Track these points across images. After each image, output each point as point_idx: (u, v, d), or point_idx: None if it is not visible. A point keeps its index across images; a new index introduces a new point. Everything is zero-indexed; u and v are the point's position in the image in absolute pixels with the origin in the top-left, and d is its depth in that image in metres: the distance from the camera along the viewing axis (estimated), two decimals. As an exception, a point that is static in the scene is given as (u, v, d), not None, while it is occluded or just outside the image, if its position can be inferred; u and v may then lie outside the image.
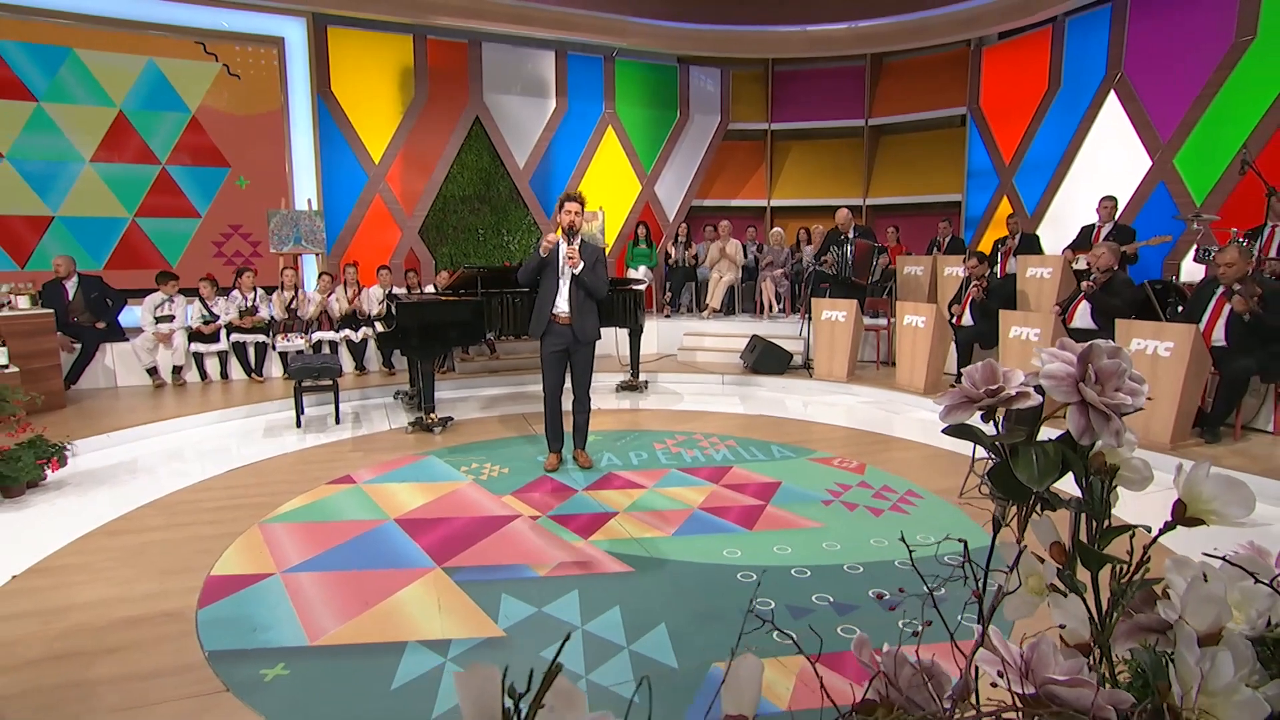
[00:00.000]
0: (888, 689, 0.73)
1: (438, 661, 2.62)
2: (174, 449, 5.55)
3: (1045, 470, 0.78)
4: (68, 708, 2.38)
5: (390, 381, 7.57)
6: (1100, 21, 8.24)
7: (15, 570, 3.38)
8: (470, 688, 0.61)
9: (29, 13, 7.49)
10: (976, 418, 0.79)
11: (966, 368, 0.78)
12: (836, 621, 2.90)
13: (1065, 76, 8.69)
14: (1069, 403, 0.77)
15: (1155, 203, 7.74)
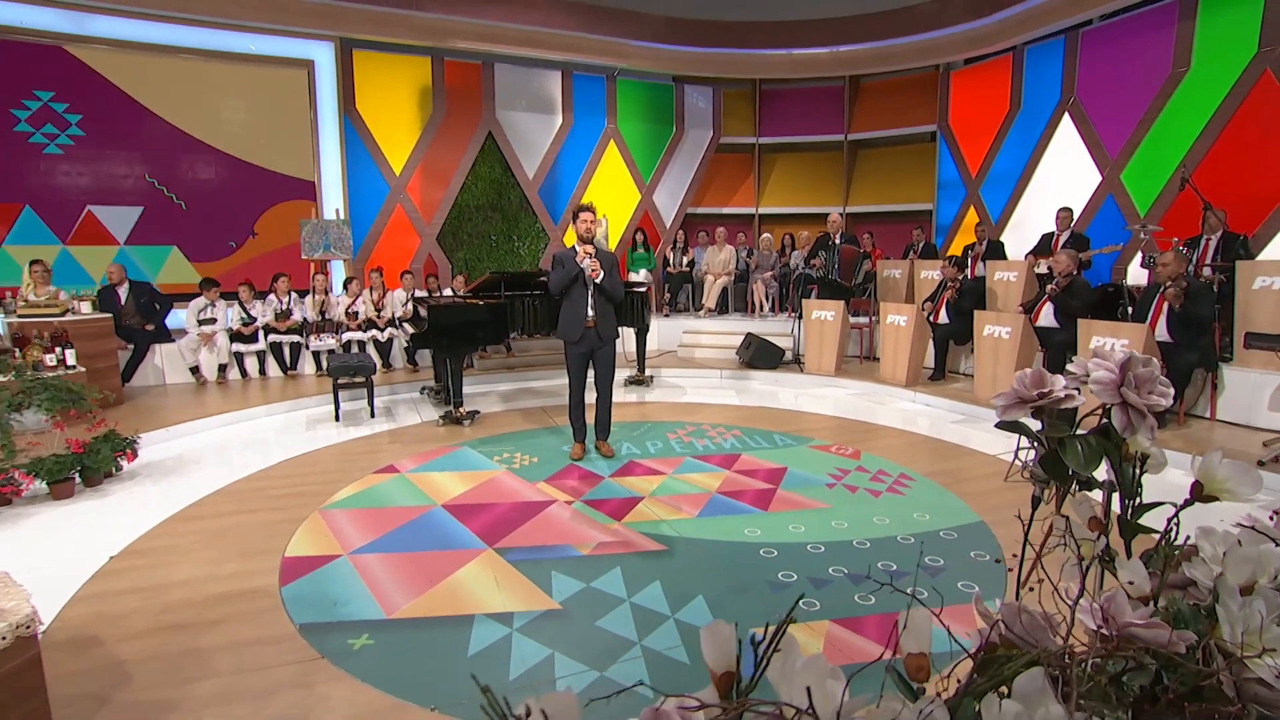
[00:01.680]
0: (1005, 634, 0.87)
1: (505, 632, 2.74)
2: (227, 441, 5.59)
3: (1090, 458, 0.92)
4: (187, 671, 2.48)
5: (415, 378, 7.63)
6: (1055, 51, 8.45)
7: (112, 552, 3.46)
8: (713, 638, 0.75)
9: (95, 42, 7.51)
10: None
11: (1018, 373, 0.88)
12: (852, 590, 3.05)
13: (1025, 99, 8.90)
14: (1113, 404, 0.91)
15: (1105, 214, 7.97)
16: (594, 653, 2.58)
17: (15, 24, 7.17)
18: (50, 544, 3.60)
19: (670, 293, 9.91)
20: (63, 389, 4.29)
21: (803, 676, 0.73)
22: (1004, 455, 5.02)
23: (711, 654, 0.75)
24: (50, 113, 7.44)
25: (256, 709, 2.29)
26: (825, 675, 0.73)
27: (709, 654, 0.76)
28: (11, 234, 7.43)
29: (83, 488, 4.30)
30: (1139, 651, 0.81)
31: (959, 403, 6.37)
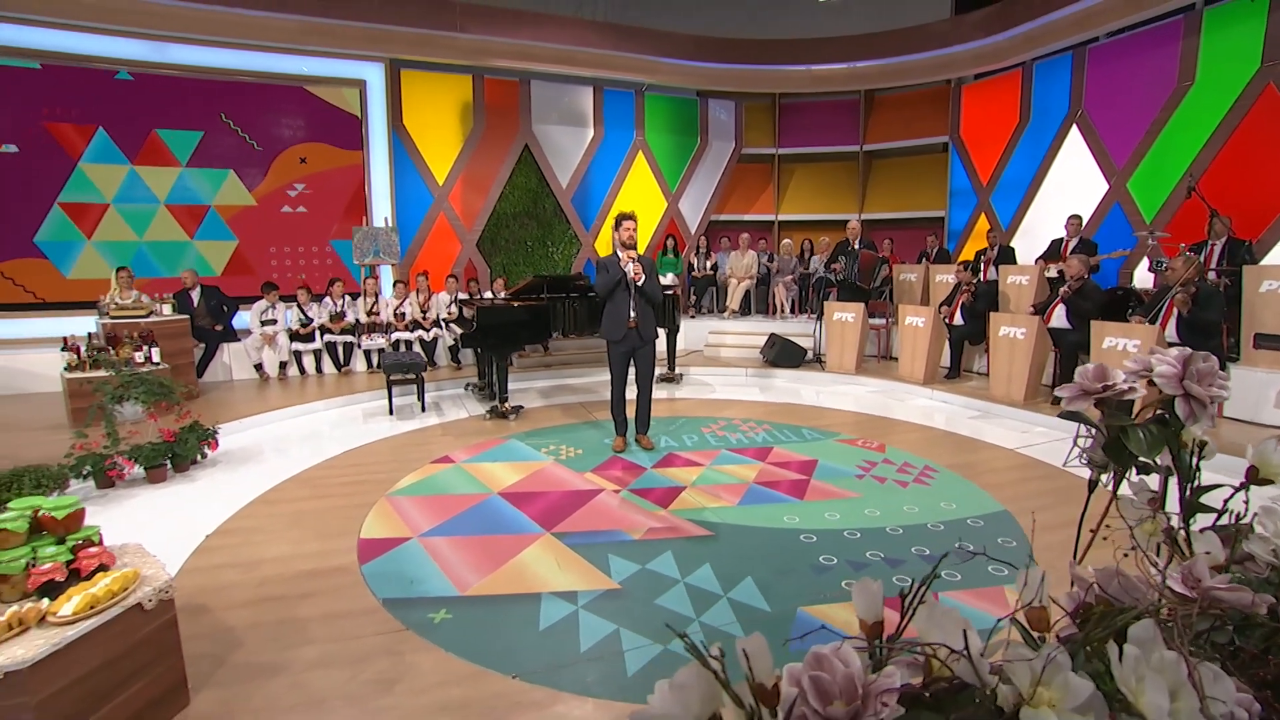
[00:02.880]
0: (1100, 594, 0.93)
1: (571, 609, 2.83)
2: (293, 433, 5.74)
3: (1154, 445, 0.98)
4: (289, 638, 2.60)
5: (458, 375, 7.75)
6: (1063, 66, 8.41)
7: (207, 531, 3.60)
8: (863, 594, 0.82)
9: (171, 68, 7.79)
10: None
11: (1080, 367, 0.93)
12: (890, 573, 3.11)
13: (1034, 112, 8.86)
14: (1175, 395, 0.97)
15: (1112, 220, 7.93)
16: (656, 628, 2.66)
17: (102, 55, 7.44)
18: (152, 522, 3.75)
19: (695, 295, 9.98)
20: (155, 383, 4.45)
21: (944, 625, 0.81)
22: (1021, 449, 5.04)
23: (862, 606, 0.83)
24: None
25: (354, 674, 2.40)
26: (962, 624, 0.81)
27: (860, 606, 0.84)
28: (87, 152, 7.65)
29: (173, 473, 4.46)
30: (1223, 611, 0.88)
31: (974, 399, 6.38)
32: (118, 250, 7.85)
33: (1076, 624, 0.93)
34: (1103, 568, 0.94)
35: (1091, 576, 0.95)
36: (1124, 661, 0.71)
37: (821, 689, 0.74)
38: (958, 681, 0.77)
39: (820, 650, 0.78)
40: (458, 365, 8.18)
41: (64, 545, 2.11)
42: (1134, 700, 0.70)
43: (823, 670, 0.76)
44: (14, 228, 7.44)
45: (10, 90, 7.21)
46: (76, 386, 5.17)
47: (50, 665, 1.74)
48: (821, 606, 2.81)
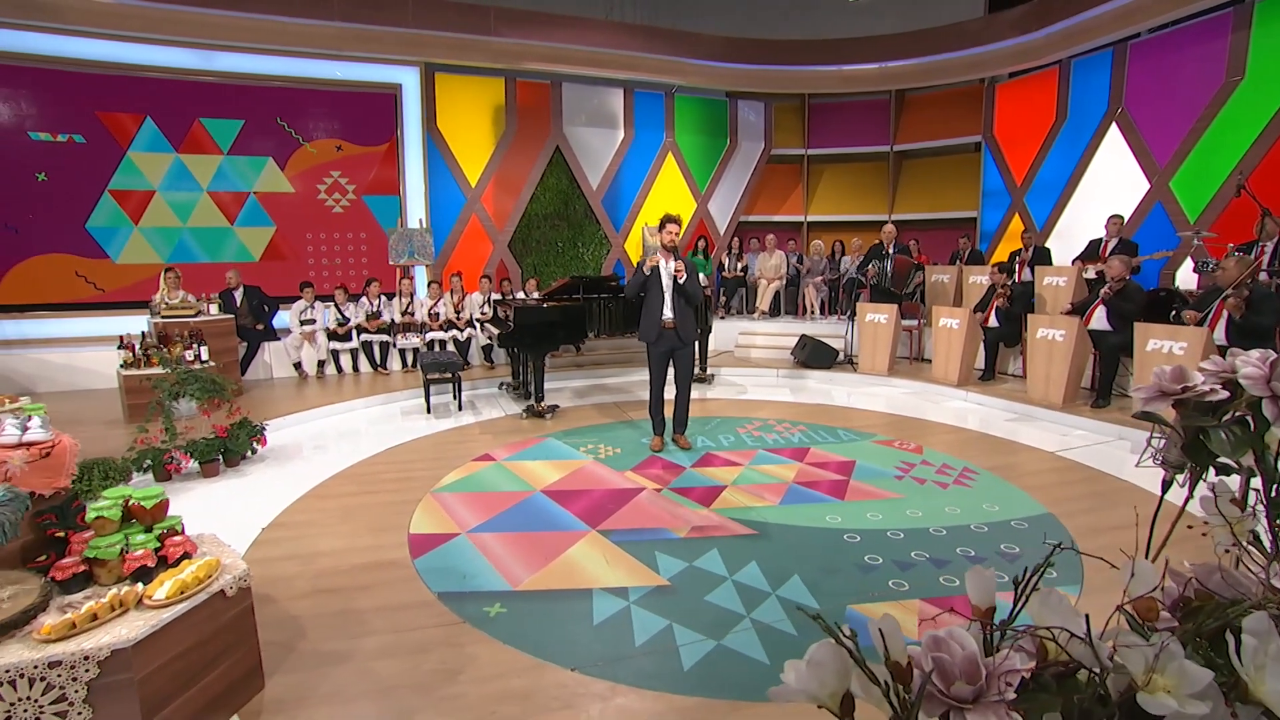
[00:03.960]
0: (1199, 588, 0.96)
1: (623, 604, 2.88)
2: (334, 429, 5.88)
3: (1238, 446, 1.01)
4: (351, 629, 2.69)
5: (491, 375, 7.85)
6: (1102, 63, 8.28)
7: (262, 524, 3.73)
8: (978, 580, 0.87)
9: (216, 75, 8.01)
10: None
11: (1156, 369, 0.94)
12: (936, 573, 3.12)
13: (1071, 110, 8.74)
14: (1263, 396, 1.00)
15: (1153, 220, 7.79)
16: (708, 624, 2.71)
17: (153, 64, 7.70)
18: (208, 515, 3.87)
19: (725, 296, 10.00)
20: (207, 380, 4.61)
21: (1060, 612, 0.85)
22: (1061, 452, 5.00)
23: (975, 592, 0.88)
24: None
25: (416, 664, 2.48)
26: (1073, 612, 0.85)
27: (973, 593, 0.88)
28: (135, 141, 7.88)
29: (224, 468, 4.61)
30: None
31: (1010, 401, 6.33)
32: (164, 236, 8.12)
33: (1176, 617, 0.97)
34: (1201, 563, 0.97)
35: (1189, 571, 0.99)
36: (1243, 651, 0.74)
37: (944, 670, 0.78)
38: (1073, 665, 0.81)
39: (937, 633, 0.82)
40: (490, 365, 8.30)
41: (151, 533, 2.22)
42: (1254, 688, 0.73)
43: (943, 652, 0.81)
44: (68, 215, 7.73)
45: (65, 82, 7.48)
46: (133, 383, 5.36)
47: (150, 645, 1.84)
48: (871, 605, 2.84)
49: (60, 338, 7.40)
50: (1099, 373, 5.92)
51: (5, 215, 7.41)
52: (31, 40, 7.14)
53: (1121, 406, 5.74)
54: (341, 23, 7.99)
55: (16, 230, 7.41)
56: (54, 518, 2.16)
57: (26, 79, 7.32)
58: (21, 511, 1.87)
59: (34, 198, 7.55)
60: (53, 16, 6.87)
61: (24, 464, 2.05)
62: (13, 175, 7.40)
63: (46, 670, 1.67)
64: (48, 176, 7.59)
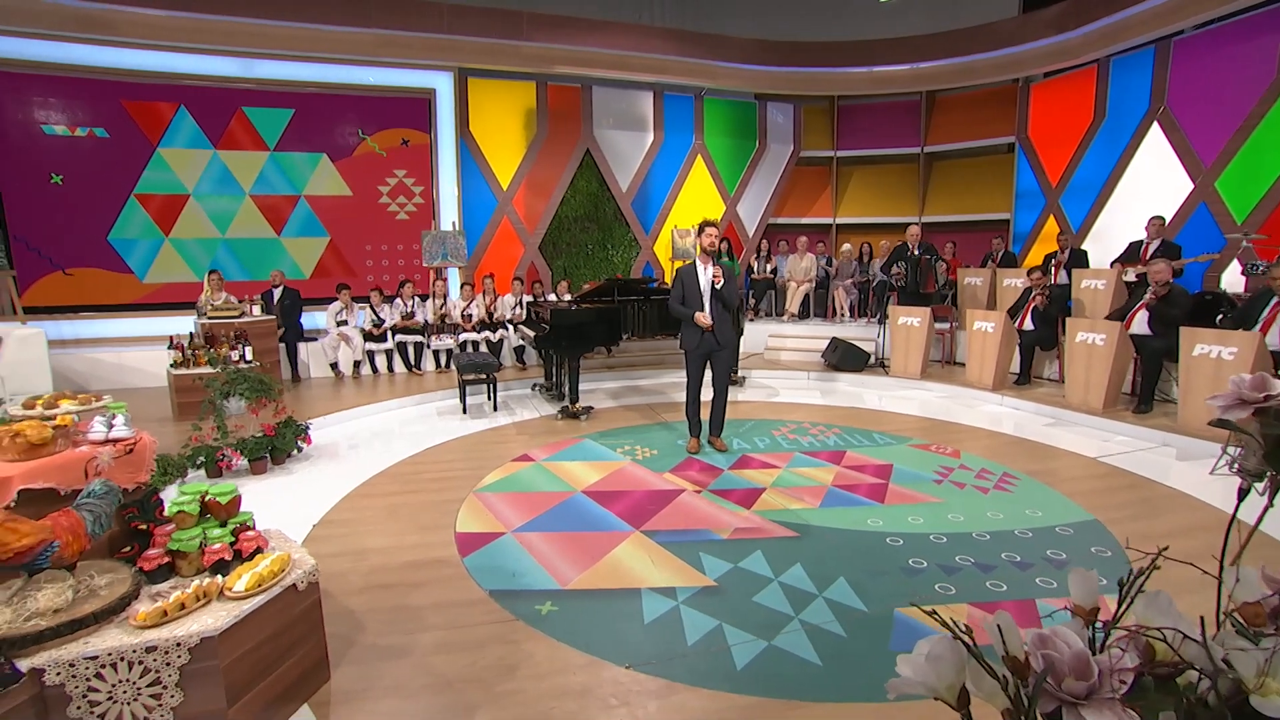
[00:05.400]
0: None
1: (672, 604, 2.92)
2: (373, 429, 5.99)
3: None
4: (407, 624, 2.77)
5: (523, 375, 7.95)
6: (1144, 61, 8.14)
7: (313, 520, 3.83)
8: (1081, 581, 0.90)
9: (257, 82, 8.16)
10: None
11: (1234, 377, 0.93)
12: (982, 578, 3.12)
13: (1109, 109, 8.60)
14: None
15: (1196, 221, 7.64)
16: (757, 624, 2.74)
17: (197, 72, 7.78)
18: (261, 511, 3.95)
19: (755, 299, 10.00)
20: (255, 380, 4.74)
21: (1168, 613, 0.88)
22: (1103, 458, 4.94)
23: (1079, 593, 0.91)
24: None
25: (474, 659, 2.54)
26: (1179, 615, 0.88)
27: (1077, 593, 0.91)
28: (166, 135, 7.62)
29: (271, 465, 4.74)
30: None
31: (1048, 406, 6.26)
32: (198, 249, 7.91)
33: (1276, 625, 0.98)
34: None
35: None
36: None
37: (1054, 666, 0.82)
38: (1180, 666, 0.84)
39: (1042, 631, 0.86)
40: (522, 366, 8.40)
41: (226, 528, 2.32)
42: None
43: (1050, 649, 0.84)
44: (87, 225, 7.27)
45: (98, 87, 7.39)
46: (183, 382, 5.53)
47: (234, 634, 1.92)
48: (918, 609, 2.84)
49: (106, 338, 7.63)
50: (1141, 378, 5.84)
51: (16, 228, 7.07)
52: (65, 50, 7.26)
53: (1166, 412, 5.65)
54: (379, 30, 8.16)
55: (39, 251, 7.15)
56: (136, 510, 2.27)
57: (59, 86, 7.27)
58: (115, 504, 1.96)
59: (48, 205, 7.11)
60: (107, 29, 7.12)
61: (111, 460, 2.15)
62: (23, 178, 6.92)
63: (144, 655, 1.76)
64: (63, 179, 7.15)
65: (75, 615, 1.72)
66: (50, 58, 7.26)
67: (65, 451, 2.09)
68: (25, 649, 1.63)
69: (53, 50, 7.23)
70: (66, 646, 1.69)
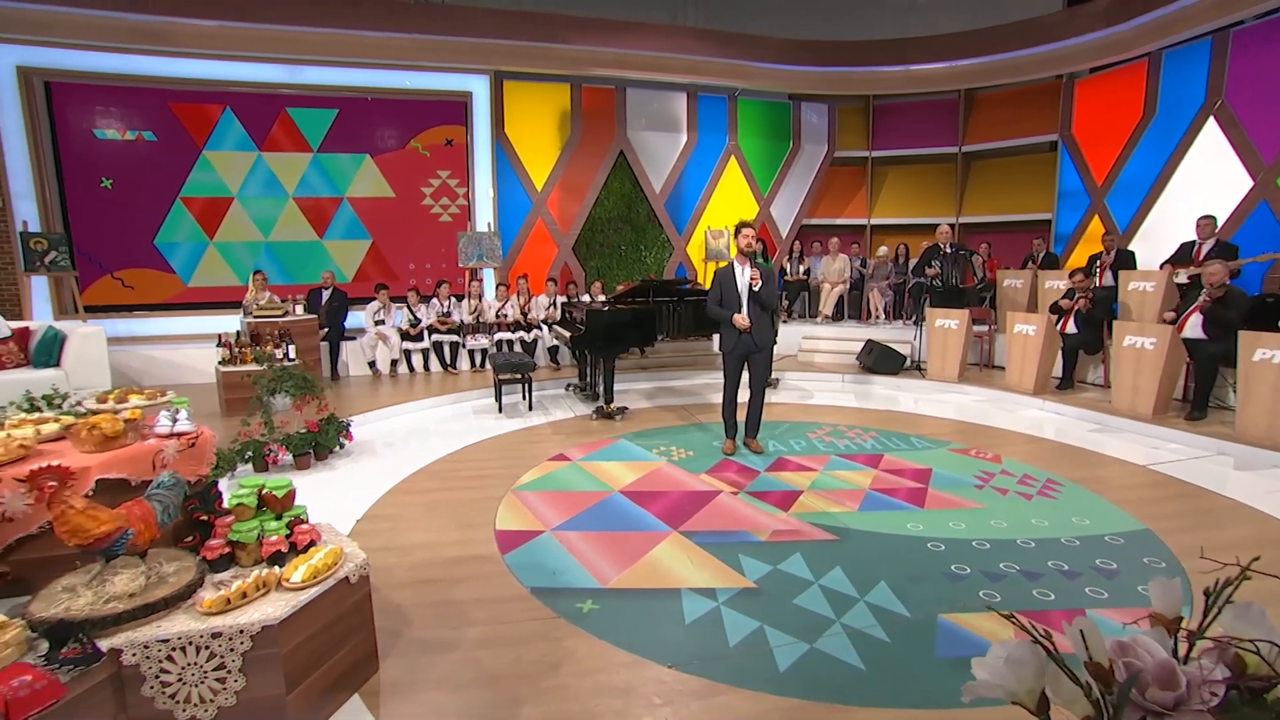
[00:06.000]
0: None
1: (712, 605, 2.92)
2: (411, 427, 6.09)
3: None
4: (452, 619, 2.82)
5: (556, 375, 8.01)
6: (1199, 54, 7.88)
7: (356, 515, 3.93)
8: (1164, 590, 0.88)
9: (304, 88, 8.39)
10: None
11: None
12: (1028, 586, 3.06)
13: (1160, 105, 8.35)
14: None
15: (1256, 220, 7.36)
16: (799, 627, 2.73)
17: (245, 79, 8.06)
18: (306, 506, 4.09)
19: (788, 300, 9.94)
20: (300, 378, 4.87)
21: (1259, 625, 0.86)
22: (1153, 466, 4.80)
23: (1161, 602, 0.89)
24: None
25: (518, 655, 2.58)
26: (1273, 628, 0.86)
27: (1159, 602, 0.90)
28: (212, 137, 7.88)
29: (314, 461, 4.86)
30: None
31: (1093, 412, 6.10)
32: (243, 253, 8.16)
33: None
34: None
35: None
36: None
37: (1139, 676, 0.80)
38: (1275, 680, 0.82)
39: (1122, 639, 0.84)
40: (556, 366, 8.47)
41: (281, 521, 2.39)
42: None
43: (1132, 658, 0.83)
44: (135, 228, 7.60)
45: (148, 96, 7.69)
46: (231, 379, 5.70)
47: (292, 623, 1.98)
48: (963, 615, 2.81)
49: (157, 335, 7.91)
50: (1195, 384, 5.65)
51: (76, 231, 7.48)
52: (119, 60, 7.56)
53: (1222, 420, 5.46)
54: (418, 34, 8.32)
55: (89, 255, 7.54)
56: (198, 502, 2.35)
57: (112, 94, 7.58)
58: (182, 495, 2.05)
59: (98, 209, 7.46)
60: (160, 40, 7.39)
61: (176, 453, 2.24)
62: (78, 183, 7.27)
63: (210, 640, 1.83)
64: (113, 183, 7.48)
65: (148, 600, 1.80)
66: (105, 68, 7.57)
67: (135, 444, 2.18)
68: (105, 630, 1.71)
69: (108, 61, 7.54)
70: (141, 629, 1.77)
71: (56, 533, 1.68)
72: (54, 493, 1.65)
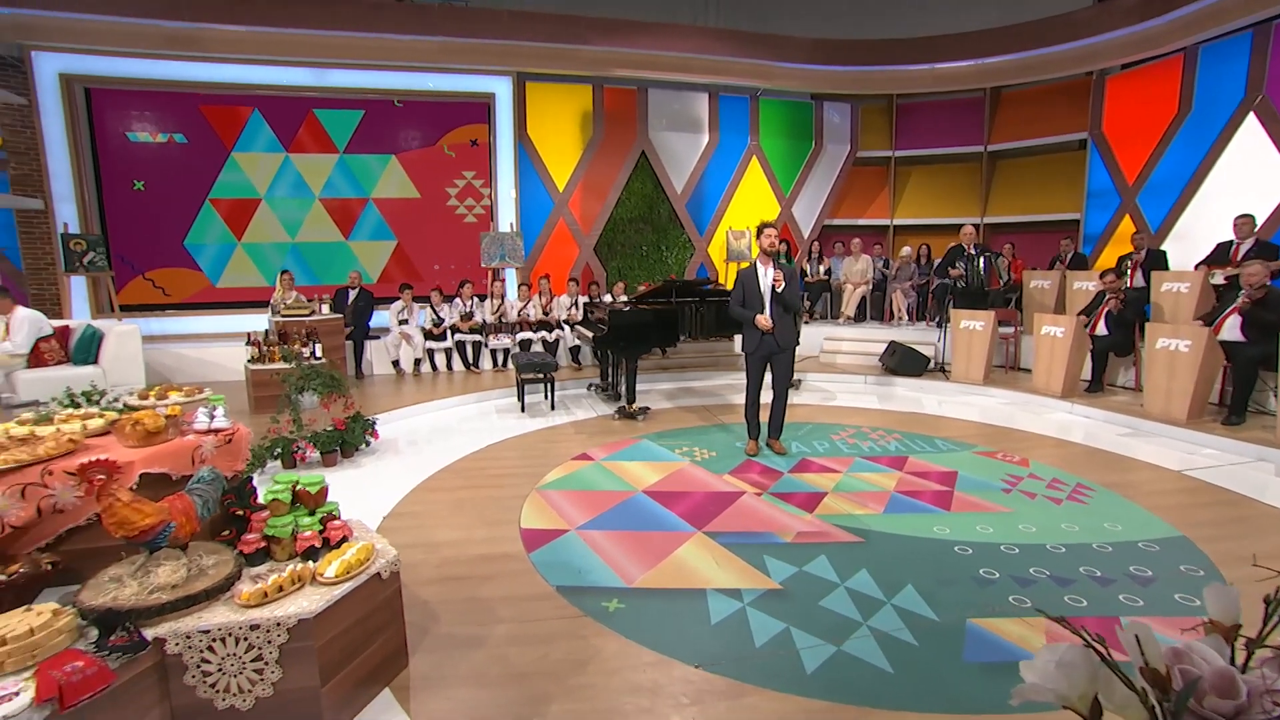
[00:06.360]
0: None
1: (737, 606, 2.92)
2: (435, 425, 6.14)
3: None
4: (479, 616, 2.85)
5: (577, 375, 8.03)
6: (1239, 48, 7.68)
7: (383, 512, 3.98)
8: (1219, 596, 0.86)
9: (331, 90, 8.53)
10: None
11: None
12: (1060, 592, 3.01)
13: (1196, 101, 8.16)
14: None
15: (1299, 219, 7.18)
16: (825, 629, 2.71)
17: (273, 82, 8.22)
18: (337, 504, 4.16)
19: (809, 301, 9.88)
20: (327, 376, 4.94)
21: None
22: (1188, 471, 4.69)
23: (1217, 609, 0.88)
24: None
25: (545, 653, 2.59)
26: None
27: (1215, 609, 0.88)
28: (241, 139, 8.09)
29: (340, 458, 4.92)
30: None
31: (1123, 415, 5.98)
32: (270, 253, 8.33)
33: None
34: None
35: None
36: None
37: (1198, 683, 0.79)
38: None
39: (1178, 646, 0.83)
40: (578, 366, 8.50)
41: (314, 517, 2.43)
42: None
43: (1187, 665, 0.81)
44: (164, 231, 7.86)
45: (178, 100, 7.93)
46: (260, 377, 5.81)
47: (327, 617, 2.02)
48: (992, 620, 2.77)
49: (183, 334, 8.09)
50: (1233, 387, 5.52)
51: (113, 233, 7.75)
52: (152, 66, 7.75)
53: (1263, 424, 5.32)
54: (442, 37, 8.40)
55: (121, 257, 7.80)
56: (233, 497, 2.40)
57: (146, 99, 7.82)
58: (220, 490, 2.09)
59: (131, 211, 7.73)
60: (194, 46, 7.57)
61: (213, 449, 2.28)
62: (112, 185, 7.57)
63: (248, 631, 1.87)
64: (145, 185, 7.78)
65: (190, 591, 1.84)
66: (141, 74, 7.78)
67: (175, 440, 2.23)
68: (149, 620, 1.75)
69: (143, 66, 7.75)
70: (183, 620, 1.81)
71: (104, 524, 1.73)
72: (103, 486, 1.70)
